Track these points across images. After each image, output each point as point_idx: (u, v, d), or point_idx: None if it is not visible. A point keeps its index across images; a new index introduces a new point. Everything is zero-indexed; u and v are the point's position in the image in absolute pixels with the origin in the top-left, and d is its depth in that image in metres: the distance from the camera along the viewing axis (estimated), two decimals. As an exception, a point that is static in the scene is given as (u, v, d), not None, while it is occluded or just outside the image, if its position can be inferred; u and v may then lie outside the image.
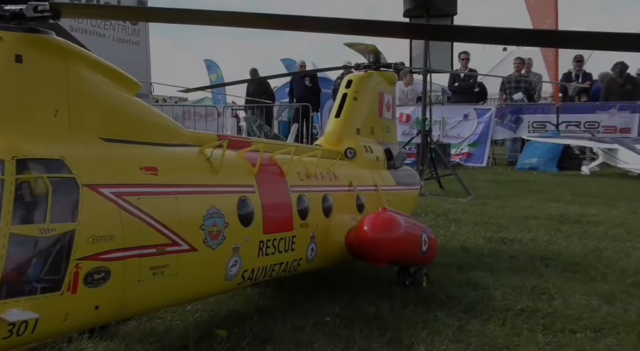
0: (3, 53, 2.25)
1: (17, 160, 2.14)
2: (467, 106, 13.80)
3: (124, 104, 2.76)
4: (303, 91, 14.29)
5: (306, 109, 14.08)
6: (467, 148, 13.76)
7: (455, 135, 13.77)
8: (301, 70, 14.51)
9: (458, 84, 13.93)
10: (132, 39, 12.82)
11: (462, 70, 12.97)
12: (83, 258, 2.25)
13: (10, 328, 2.04)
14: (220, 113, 14.93)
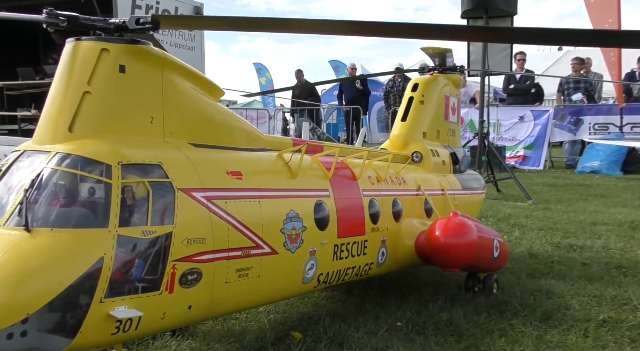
0: (109, 63, 2.37)
1: (122, 165, 2.26)
2: (523, 107, 13.41)
3: (210, 110, 2.85)
4: (353, 94, 14.30)
5: (357, 112, 14.08)
6: (522, 150, 13.37)
7: (510, 137, 13.40)
8: (352, 73, 14.52)
9: (514, 86, 13.55)
10: (189, 44, 13.18)
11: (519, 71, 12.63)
12: (179, 260, 2.34)
13: (118, 324, 2.15)
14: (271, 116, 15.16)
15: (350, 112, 13.99)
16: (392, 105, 14.66)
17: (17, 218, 2.07)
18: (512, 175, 9.13)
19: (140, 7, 11.61)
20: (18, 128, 11.74)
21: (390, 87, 14.56)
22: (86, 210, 2.19)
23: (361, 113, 14.16)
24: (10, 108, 12.40)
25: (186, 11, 12.87)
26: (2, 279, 1.92)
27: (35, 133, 2.38)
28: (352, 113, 14.04)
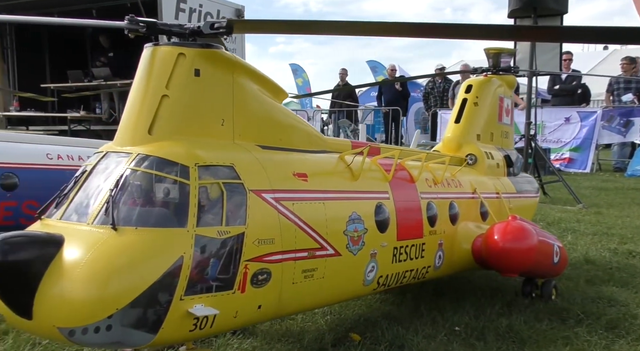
0: (185, 68, 2.44)
1: (199, 166, 2.31)
2: (569, 109, 13.01)
3: (276, 112, 2.89)
4: (393, 95, 14.20)
5: (396, 113, 13.99)
6: (568, 153, 12.97)
7: (555, 139, 13.03)
8: (391, 74, 14.42)
9: (559, 86, 13.18)
10: (230, 46, 13.39)
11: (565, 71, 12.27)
12: (250, 260, 2.38)
13: (195, 322, 2.21)
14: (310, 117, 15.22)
15: (390, 113, 13.90)
16: (432, 107, 14.50)
17: (104, 217, 2.15)
18: (560, 178, 8.88)
19: (184, 11, 11.87)
20: (68, 128, 12.18)
21: (431, 89, 14.40)
22: (166, 209, 2.25)
23: (400, 115, 14.05)
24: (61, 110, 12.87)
25: (228, 14, 13.09)
26: (93, 275, 2.00)
27: (116, 135, 2.47)
28: (391, 114, 13.95)
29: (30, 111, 12.33)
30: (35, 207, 4.84)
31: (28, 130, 12.10)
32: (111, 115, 12.44)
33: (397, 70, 15.93)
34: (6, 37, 12.31)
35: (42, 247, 2.02)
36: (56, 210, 2.31)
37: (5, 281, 1.99)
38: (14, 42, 12.43)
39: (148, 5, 10.92)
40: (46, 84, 12.37)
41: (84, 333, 2.01)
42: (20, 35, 12.46)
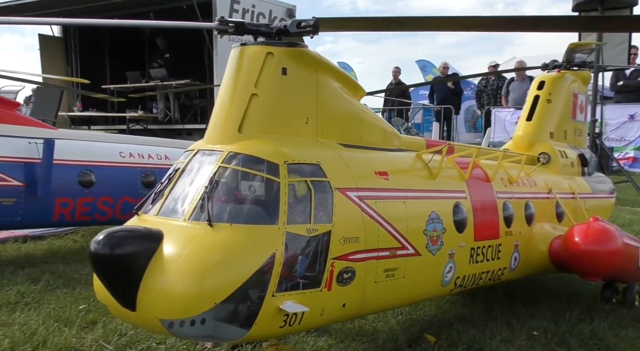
0: (273, 67, 2.46)
1: (288, 164, 2.33)
2: (634, 105, 12.38)
3: (356, 110, 2.88)
4: (445, 93, 13.93)
5: (448, 111, 13.72)
6: (632, 151, 12.33)
7: (618, 137, 12.41)
8: (444, 72, 14.14)
9: (623, 82, 12.55)
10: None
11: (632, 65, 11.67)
12: (336, 258, 2.38)
13: (285, 318, 2.22)
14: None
15: (442, 111, 13.66)
16: (485, 105, 14.14)
17: (200, 213, 2.19)
18: (629, 178, 8.47)
19: (238, 11, 12.06)
20: (126, 127, 12.62)
21: (484, 86, 14.03)
22: (258, 206, 2.28)
23: (453, 113, 13.77)
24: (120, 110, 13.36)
25: (280, 14, 13.21)
26: (193, 270, 2.05)
27: (206, 134, 2.52)
28: (443, 112, 13.70)
29: (92, 111, 12.85)
30: (110, 203, 5.07)
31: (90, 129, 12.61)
32: (166, 115, 12.80)
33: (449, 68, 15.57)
34: (70, 41, 12.88)
35: (145, 242, 2.08)
36: (152, 206, 2.38)
37: (112, 273, 2.06)
38: (77, 45, 12.99)
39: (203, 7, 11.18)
40: (106, 85, 12.86)
41: (181, 326, 2.07)
42: (83, 38, 13.01)
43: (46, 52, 12.44)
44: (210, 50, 11.93)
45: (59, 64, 12.49)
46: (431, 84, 14.89)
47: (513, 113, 12.93)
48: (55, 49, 12.60)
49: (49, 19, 10.16)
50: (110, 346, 2.99)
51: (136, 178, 5.16)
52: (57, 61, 12.46)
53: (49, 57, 12.42)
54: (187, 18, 10.10)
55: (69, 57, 12.94)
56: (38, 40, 12.35)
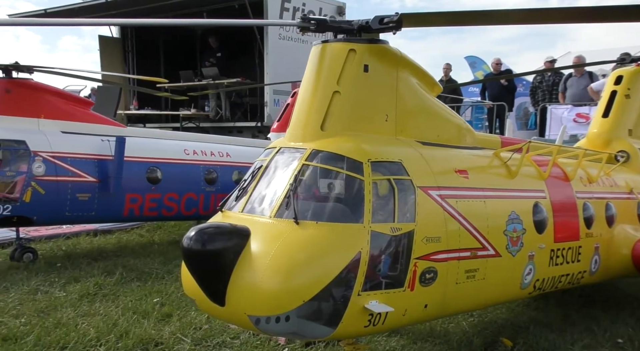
0: (355, 64, 2.44)
1: (371, 162, 2.30)
2: None
3: (433, 107, 2.82)
4: (498, 90, 13.53)
5: (501, 109, 13.33)
6: None
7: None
8: (497, 68, 13.74)
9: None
10: (331, 45, 13.46)
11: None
12: (419, 258, 2.34)
13: (370, 318, 2.20)
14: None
15: (494, 109, 13.28)
16: (540, 102, 13.65)
17: (285, 211, 2.20)
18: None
19: (288, 10, 12.13)
20: (180, 126, 12.95)
21: (539, 82, 13.51)
22: (343, 205, 2.27)
23: (506, 110, 13.36)
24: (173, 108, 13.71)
25: (330, 11, 13.19)
26: (280, 268, 2.05)
27: (288, 131, 2.52)
28: (495, 110, 13.32)
29: (147, 109, 13.24)
30: (175, 199, 5.19)
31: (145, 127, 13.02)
32: (217, 113, 13.05)
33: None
34: (128, 42, 13.31)
35: (234, 238, 2.10)
36: (236, 203, 2.40)
37: (203, 268, 2.10)
38: (134, 46, 13.41)
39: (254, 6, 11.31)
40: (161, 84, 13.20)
41: (267, 322, 2.08)
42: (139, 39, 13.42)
43: (105, 52, 12.90)
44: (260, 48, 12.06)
45: (117, 64, 12.93)
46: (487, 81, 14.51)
47: (570, 110, 12.41)
48: (113, 50, 13.06)
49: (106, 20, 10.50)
50: (187, 339, 3.06)
51: (199, 175, 5.27)
52: (115, 61, 12.91)
53: (108, 57, 12.88)
54: (238, 17, 10.24)
55: (126, 57, 13.37)
56: (98, 41, 12.82)
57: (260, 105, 13.09)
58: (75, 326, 3.11)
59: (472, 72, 19.90)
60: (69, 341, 2.92)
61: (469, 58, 20.77)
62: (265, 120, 12.68)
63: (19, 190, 4.13)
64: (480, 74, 18.95)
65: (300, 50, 13.06)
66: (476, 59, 19.98)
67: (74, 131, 4.60)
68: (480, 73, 18.90)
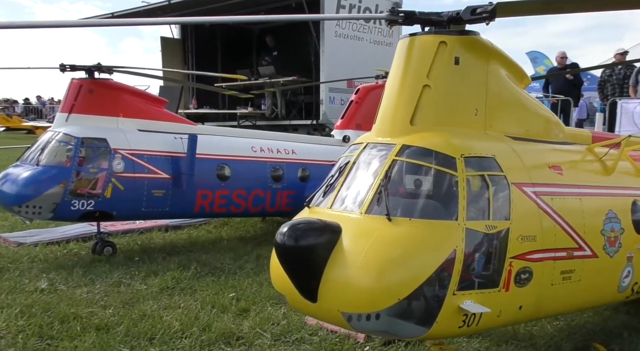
0: (446, 56, 2.37)
1: (464, 157, 2.23)
2: None
3: (523, 100, 2.70)
4: (563, 84, 12.96)
5: (566, 104, 12.75)
6: None
7: None
8: (561, 62, 13.17)
9: None
10: (387, 41, 13.37)
11: None
12: (514, 257, 2.24)
13: (465, 318, 2.13)
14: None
15: (559, 103, 12.73)
16: (609, 96, 12.98)
17: (377, 207, 2.16)
18: None
19: (345, 7, 12.09)
20: (237, 124, 13.20)
21: (608, 76, 12.83)
22: (436, 201, 2.20)
23: (571, 105, 12.78)
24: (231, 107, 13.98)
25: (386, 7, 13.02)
26: (374, 265, 2.02)
27: (374, 127, 2.48)
28: (560, 105, 12.76)
29: (206, 108, 13.57)
30: (243, 196, 5.26)
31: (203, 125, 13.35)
32: (273, 111, 13.20)
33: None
34: (188, 42, 13.69)
35: (326, 234, 2.09)
36: (323, 199, 2.39)
37: (296, 265, 2.09)
38: (193, 46, 13.77)
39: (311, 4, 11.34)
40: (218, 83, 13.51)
41: (358, 320, 2.05)
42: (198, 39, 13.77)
43: (166, 53, 13.32)
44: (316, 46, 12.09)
45: (177, 64, 13.31)
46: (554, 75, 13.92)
47: (643, 104, 11.76)
48: (174, 50, 13.46)
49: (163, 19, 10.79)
50: (267, 334, 3.08)
51: (266, 172, 5.32)
52: (176, 61, 13.29)
53: (169, 57, 13.28)
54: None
55: (186, 57, 13.75)
56: (160, 42, 13.25)
57: (315, 103, 13.13)
58: (160, 318, 3.20)
59: (534, 67, 19.21)
60: (155, 332, 3.01)
61: (530, 53, 20.08)
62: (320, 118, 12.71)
63: (101, 186, 4.31)
64: (542, 69, 18.26)
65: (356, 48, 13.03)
66: (538, 54, 19.29)
67: (150, 129, 4.74)
68: (541, 68, 18.21)
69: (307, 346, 2.99)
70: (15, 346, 2.77)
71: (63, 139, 4.33)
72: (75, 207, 4.22)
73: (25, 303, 3.33)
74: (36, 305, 3.30)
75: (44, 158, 4.26)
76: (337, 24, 12.51)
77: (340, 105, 13.02)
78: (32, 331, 2.93)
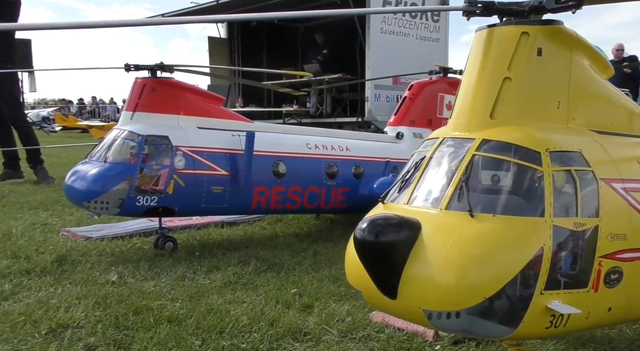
0: (528, 48, 2.29)
1: (550, 152, 2.15)
2: None
3: (606, 92, 2.59)
4: (620, 77, 12.40)
5: (624, 97, 12.21)
6: None
7: None
8: (618, 55, 12.63)
9: None
10: (433, 36, 13.16)
11: None
12: (604, 256, 2.15)
13: (552, 319, 2.06)
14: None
15: (616, 97, 12.18)
16: (670, 89, 12.35)
17: (457, 203, 2.11)
18: None
19: (391, 3, 11.98)
20: (282, 122, 13.31)
21: (669, 67, 12.23)
22: (521, 197, 2.14)
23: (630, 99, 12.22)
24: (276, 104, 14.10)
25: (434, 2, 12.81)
26: (459, 262, 1.97)
27: (450, 121, 2.43)
28: (617, 99, 12.21)
29: (252, 107, 13.75)
30: (298, 192, 5.28)
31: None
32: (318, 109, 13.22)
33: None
34: (234, 41, 13.91)
35: (407, 230, 2.05)
36: (399, 195, 2.35)
37: (376, 260, 2.07)
38: (239, 45, 13.98)
39: (356, 0, 11.29)
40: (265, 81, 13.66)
41: (438, 318, 2.01)
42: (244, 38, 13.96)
43: (214, 52, 13.57)
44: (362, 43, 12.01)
45: (224, 63, 13.54)
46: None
47: None
48: (221, 50, 13.70)
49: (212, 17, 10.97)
50: (333, 331, 3.08)
51: (321, 168, 5.32)
52: (223, 60, 13.53)
53: (216, 57, 13.53)
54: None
55: (232, 57, 13.98)
56: (207, 42, 13.52)
57: (360, 100, 13.06)
58: (227, 312, 3.25)
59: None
60: (224, 326, 3.05)
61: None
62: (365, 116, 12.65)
63: (163, 182, 4.41)
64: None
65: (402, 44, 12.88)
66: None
67: (209, 127, 4.83)
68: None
69: (374, 343, 2.97)
70: (96, 335, 2.87)
71: (128, 137, 4.46)
72: (140, 203, 4.34)
73: (100, 294, 3.45)
74: (110, 297, 3.41)
75: (110, 155, 4.41)
76: (383, 21, 12.41)
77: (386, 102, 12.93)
78: (109, 321, 3.03)
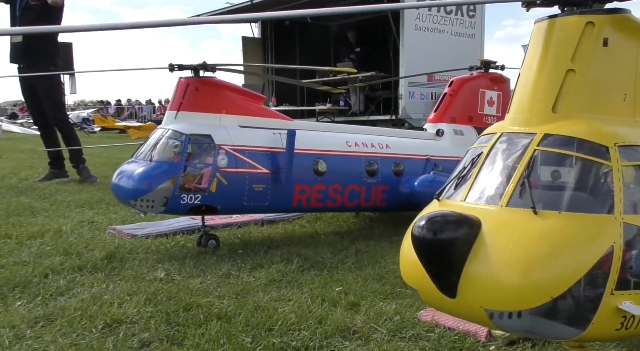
0: (593, 38, 2.20)
1: (618, 146, 2.06)
2: None
3: None
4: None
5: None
6: None
7: None
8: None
9: None
10: (468, 32, 12.95)
11: None
12: None
13: (623, 320, 1.98)
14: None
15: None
16: None
17: (519, 199, 2.05)
18: None
19: (428, -2, 11.81)
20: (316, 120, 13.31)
21: None
22: (588, 193, 2.06)
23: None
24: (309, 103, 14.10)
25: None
26: (522, 260, 1.91)
27: (508, 115, 2.36)
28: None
29: (286, 105, 13.80)
30: (339, 190, 5.25)
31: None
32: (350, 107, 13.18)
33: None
34: (267, 41, 13.99)
35: (467, 227, 2.00)
36: (455, 191, 2.30)
37: (436, 258, 2.02)
38: (273, 44, 14.05)
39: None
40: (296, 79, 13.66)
41: (500, 317, 1.95)
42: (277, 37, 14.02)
43: (247, 52, 13.68)
44: (396, 40, 11.89)
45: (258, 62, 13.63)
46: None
47: None
48: (254, 49, 13.80)
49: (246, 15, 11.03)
50: (382, 329, 3.04)
51: (361, 166, 5.28)
52: (257, 60, 13.62)
53: (250, 57, 13.63)
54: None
55: (266, 56, 14.06)
56: (241, 42, 13.64)
57: (394, 98, 12.94)
58: (274, 310, 3.25)
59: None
60: (273, 323, 3.05)
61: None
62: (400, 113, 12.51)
63: (207, 180, 4.45)
64: None
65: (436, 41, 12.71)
66: None
67: (250, 125, 4.85)
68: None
69: (425, 343, 2.92)
70: (149, 331, 2.91)
71: (172, 136, 4.52)
72: (184, 201, 4.39)
73: (149, 291, 3.50)
74: (160, 293, 3.46)
75: (155, 154, 4.47)
76: (417, 17, 12.27)
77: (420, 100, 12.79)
78: (160, 317, 3.07)
